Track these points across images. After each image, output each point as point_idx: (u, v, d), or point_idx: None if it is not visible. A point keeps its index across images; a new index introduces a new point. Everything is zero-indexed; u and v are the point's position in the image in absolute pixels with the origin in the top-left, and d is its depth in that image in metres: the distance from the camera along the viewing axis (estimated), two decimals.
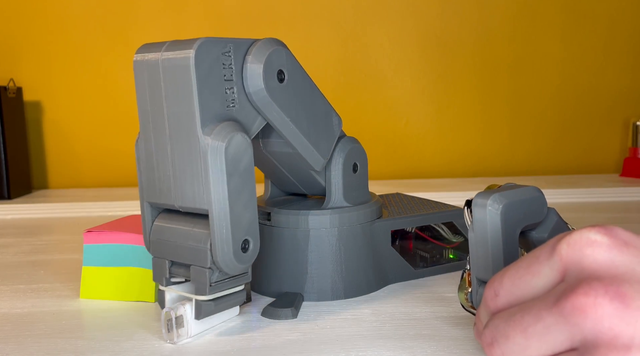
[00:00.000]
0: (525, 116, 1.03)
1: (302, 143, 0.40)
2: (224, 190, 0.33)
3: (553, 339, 0.20)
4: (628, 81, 1.03)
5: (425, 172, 1.03)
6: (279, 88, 0.37)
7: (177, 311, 0.34)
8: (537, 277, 0.22)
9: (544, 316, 0.21)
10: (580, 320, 0.19)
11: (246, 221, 0.35)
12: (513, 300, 0.23)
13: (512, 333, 0.22)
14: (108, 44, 0.97)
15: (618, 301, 0.19)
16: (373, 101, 1.01)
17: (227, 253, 0.34)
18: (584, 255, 0.21)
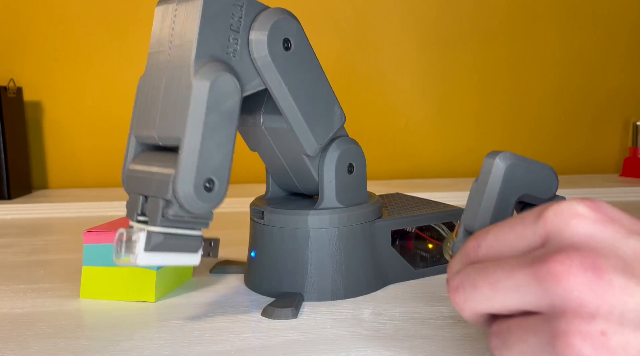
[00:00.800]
0: (525, 116, 1.03)
1: (298, 119, 0.40)
2: (199, 122, 0.33)
3: (519, 297, 0.21)
4: (628, 80, 1.03)
5: (425, 172, 1.03)
6: (283, 54, 0.38)
7: (132, 235, 0.34)
8: (520, 238, 0.23)
9: (517, 275, 0.21)
10: (552, 286, 0.20)
11: (216, 161, 0.35)
12: (492, 254, 0.24)
13: (481, 283, 0.22)
14: (108, 44, 0.97)
15: (591, 272, 0.20)
16: (373, 101, 1.01)
17: (187, 184, 0.33)
18: (567, 225, 0.21)
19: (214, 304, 0.41)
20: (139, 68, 0.97)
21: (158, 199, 0.34)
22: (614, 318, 0.19)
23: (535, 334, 0.21)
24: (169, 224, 0.34)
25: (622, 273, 0.20)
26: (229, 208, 0.79)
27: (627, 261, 0.20)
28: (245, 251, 0.55)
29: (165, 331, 0.36)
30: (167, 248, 0.34)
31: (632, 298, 0.19)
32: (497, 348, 0.23)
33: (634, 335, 0.19)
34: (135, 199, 0.35)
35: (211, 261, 0.52)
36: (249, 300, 0.42)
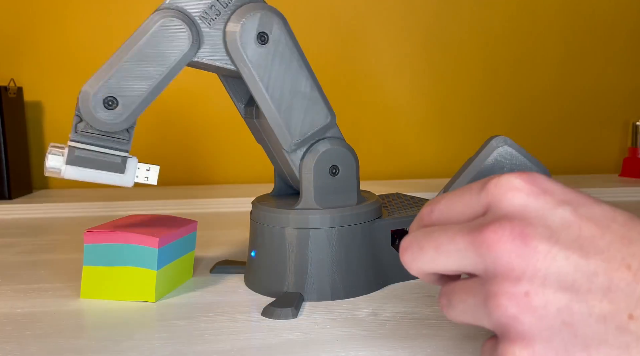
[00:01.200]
0: (525, 116, 1.03)
1: (272, 112, 0.41)
2: (132, 46, 0.37)
3: (459, 261, 0.23)
4: (628, 81, 1.03)
5: (425, 172, 1.03)
6: (256, 46, 0.40)
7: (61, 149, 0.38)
8: (466, 206, 0.25)
9: (457, 240, 0.23)
10: (485, 252, 0.22)
11: (129, 85, 0.38)
12: (442, 220, 0.26)
13: (427, 246, 0.25)
14: (108, 44, 0.97)
15: (519, 240, 0.22)
16: (373, 101, 1.01)
17: (88, 95, 0.37)
18: (504, 197, 0.23)
19: (214, 304, 0.41)
20: None
21: (76, 116, 0.38)
22: (537, 280, 0.21)
23: (473, 295, 0.23)
24: (84, 140, 0.38)
25: (547, 240, 0.22)
26: (229, 207, 0.79)
27: (553, 229, 0.22)
28: (245, 251, 0.55)
29: (165, 331, 0.36)
30: (88, 163, 0.38)
31: (554, 262, 0.21)
32: (445, 307, 0.25)
33: (554, 295, 0.21)
34: None
35: (211, 262, 0.52)
36: (249, 300, 0.42)
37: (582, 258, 0.21)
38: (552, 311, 0.21)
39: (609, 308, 0.21)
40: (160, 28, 0.38)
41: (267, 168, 1.01)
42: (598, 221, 0.22)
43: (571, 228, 0.22)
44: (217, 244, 0.59)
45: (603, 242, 0.21)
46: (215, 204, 0.80)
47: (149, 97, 0.38)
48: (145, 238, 0.41)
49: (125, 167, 0.40)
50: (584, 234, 0.22)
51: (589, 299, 0.21)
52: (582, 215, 0.22)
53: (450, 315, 0.25)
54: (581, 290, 0.21)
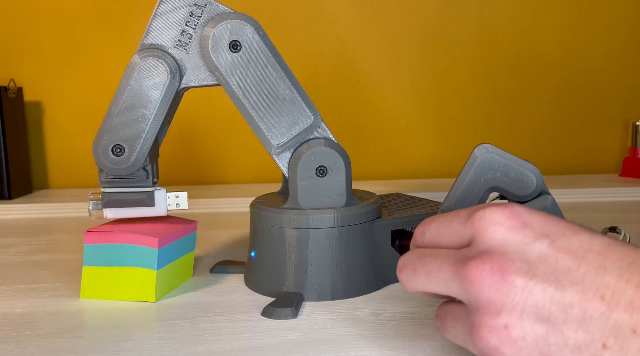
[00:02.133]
0: (525, 116, 1.03)
1: (251, 117, 0.43)
2: (121, 95, 0.41)
3: (447, 289, 0.25)
4: (628, 81, 1.03)
5: (425, 172, 1.03)
6: (229, 55, 0.41)
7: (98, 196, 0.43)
8: (453, 233, 0.26)
9: (445, 270, 0.25)
10: (468, 286, 0.23)
11: (127, 132, 0.41)
12: (433, 243, 0.27)
13: (419, 270, 0.26)
14: (108, 44, 0.97)
15: (498, 275, 0.23)
16: (373, 101, 1.01)
17: (97, 147, 0.41)
18: (486, 231, 0.24)
19: (214, 304, 0.41)
20: None
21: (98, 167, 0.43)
22: (516, 313, 0.22)
23: (461, 323, 0.25)
24: (110, 185, 0.42)
25: (524, 274, 0.23)
26: (229, 208, 0.79)
27: (530, 263, 0.23)
28: (245, 251, 0.55)
29: (165, 331, 0.36)
30: (120, 204, 0.43)
31: (531, 296, 0.22)
32: (440, 328, 0.27)
33: (531, 327, 0.22)
34: None
35: (211, 262, 0.52)
36: (249, 300, 0.42)
37: (557, 290, 0.22)
38: (530, 343, 0.22)
39: (583, 338, 0.21)
40: (138, 71, 0.41)
41: (267, 168, 1.01)
42: (574, 252, 0.23)
43: (548, 260, 0.23)
44: (217, 244, 0.59)
45: (578, 273, 0.22)
46: (215, 204, 0.80)
47: (150, 135, 0.42)
48: (145, 238, 0.41)
49: (155, 199, 0.43)
50: (560, 266, 0.22)
51: (565, 330, 0.22)
52: (559, 247, 0.23)
53: (444, 336, 0.27)
54: (557, 322, 0.22)
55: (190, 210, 0.76)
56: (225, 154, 1.01)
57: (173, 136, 0.99)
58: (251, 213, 0.45)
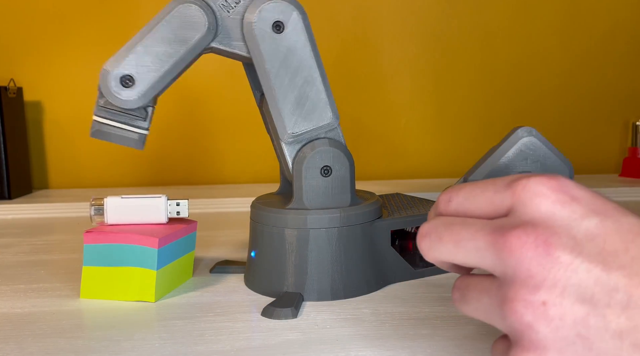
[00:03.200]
0: (525, 116, 1.03)
1: (274, 101, 0.42)
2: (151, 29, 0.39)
3: (478, 259, 0.23)
4: (628, 81, 1.03)
5: (425, 172, 1.03)
6: (270, 34, 0.41)
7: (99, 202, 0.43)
8: (488, 202, 0.24)
9: (478, 239, 0.23)
10: (506, 256, 0.22)
11: (145, 65, 0.40)
12: (461, 211, 0.25)
13: (446, 238, 0.24)
14: (108, 44, 0.97)
15: (542, 248, 0.21)
16: (373, 101, 1.01)
17: (109, 71, 0.39)
18: (531, 202, 0.23)
19: (214, 304, 0.41)
20: None
21: (98, 91, 0.40)
22: (556, 291, 0.21)
23: (489, 296, 0.23)
24: (105, 115, 0.40)
25: (570, 250, 0.21)
26: (229, 208, 0.79)
27: (577, 240, 0.22)
28: (245, 251, 0.55)
29: (165, 331, 0.36)
30: (107, 136, 0.41)
31: (575, 274, 0.21)
32: (458, 301, 0.25)
33: (571, 307, 0.21)
34: None
35: (211, 262, 0.52)
36: (249, 300, 0.42)
37: (603, 271, 0.21)
38: (568, 323, 0.21)
39: (626, 325, 0.20)
40: (178, 13, 0.39)
41: (267, 168, 1.01)
42: (623, 235, 0.22)
43: (595, 240, 0.22)
44: (217, 244, 0.59)
45: (626, 257, 0.21)
46: (215, 204, 0.79)
47: (165, 78, 0.40)
48: (145, 238, 0.41)
49: (156, 206, 0.43)
50: (607, 247, 0.21)
51: (607, 314, 0.21)
52: (608, 228, 0.22)
53: (462, 309, 0.25)
54: (600, 304, 0.21)
55: (191, 210, 0.76)
56: (225, 154, 1.01)
57: (173, 135, 0.99)
58: (251, 213, 0.45)
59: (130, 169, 0.99)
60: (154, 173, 1.00)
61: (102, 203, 0.43)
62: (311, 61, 0.42)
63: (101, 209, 0.43)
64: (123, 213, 0.43)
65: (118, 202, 0.43)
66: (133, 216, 0.43)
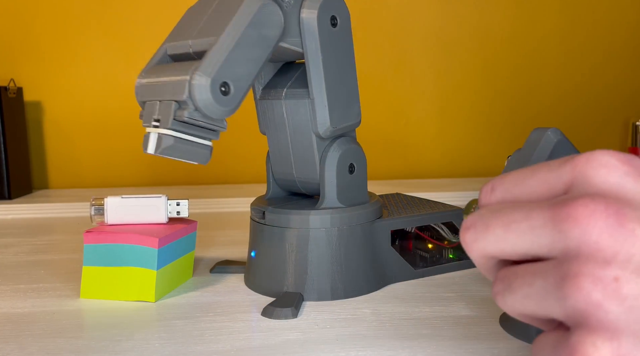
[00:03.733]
0: (525, 116, 1.03)
1: (321, 92, 0.41)
2: (238, 30, 0.35)
3: (533, 240, 0.20)
4: (628, 81, 1.03)
5: (425, 172, 1.03)
6: (328, 27, 0.41)
7: (100, 202, 0.42)
8: (541, 182, 0.22)
9: (534, 217, 0.20)
10: (570, 228, 0.19)
11: (239, 70, 0.36)
12: (508, 197, 0.23)
13: (494, 223, 0.22)
14: (108, 44, 0.97)
15: (614, 218, 0.19)
16: (373, 101, 1.01)
17: (205, 78, 0.34)
18: (597, 173, 0.20)
19: (214, 304, 0.41)
20: (139, 68, 0.97)
21: (171, 103, 0.34)
22: (631, 267, 0.18)
23: (543, 277, 0.20)
24: (181, 128, 0.35)
25: None
26: (229, 208, 0.79)
27: None
28: (245, 251, 0.55)
29: (165, 331, 0.36)
30: (176, 153, 0.35)
31: None
32: (500, 293, 0.22)
33: None
34: (152, 105, 0.36)
35: (211, 262, 0.52)
36: (249, 300, 0.42)
37: None
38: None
39: None
40: (260, 13, 0.37)
41: None
42: None
43: None
44: (217, 244, 0.59)
45: None
46: (215, 204, 0.79)
47: (253, 82, 0.37)
48: (145, 238, 0.41)
49: (156, 206, 0.43)
50: None
51: None
52: None
53: (506, 303, 0.21)
54: None
55: (191, 210, 0.76)
56: (226, 154, 1.01)
57: None
58: (251, 213, 0.45)
59: (130, 169, 0.99)
60: (154, 173, 1.00)
61: (102, 203, 0.43)
62: (351, 57, 0.43)
63: (101, 209, 0.43)
64: (123, 213, 0.43)
65: (118, 202, 0.43)
66: (133, 216, 0.43)
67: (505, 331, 0.35)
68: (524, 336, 0.34)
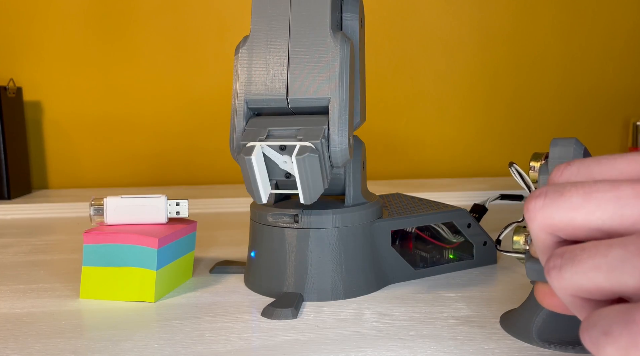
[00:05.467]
0: (525, 116, 1.03)
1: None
2: (345, 83, 0.37)
3: (615, 211, 0.19)
4: (628, 81, 1.03)
5: (425, 172, 1.03)
6: (360, 30, 0.42)
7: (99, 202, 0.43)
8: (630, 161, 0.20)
9: (623, 188, 0.19)
10: None
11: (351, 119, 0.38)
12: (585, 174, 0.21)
13: (571, 192, 0.19)
14: (108, 44, 0.97)
15: None
16: (373, 101, 1.01)
17: (344, 137, 0.36)
18: None
19: (214, 304, 0.41)
20: (139, 68, 0.97)
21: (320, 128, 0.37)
22: None
23: (623, 247, 0.18)
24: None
25: None
26: (229, 208, 0.79)
27: None
28: (245, 251, 0.55)
29: (165, 331, 0.36)
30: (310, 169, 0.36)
31: None
32: (556, 267, 0.19)
33: None
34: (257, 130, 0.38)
35: (211, 262, 0.52)
36: (249, 300, 0.42)
37: None
38: None
39: None
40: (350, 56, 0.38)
41: None
42: None
43: None
44: (217, 244, 0.59)
45: None
46: (215, 204, 0.79)
47: None
48: (145, 238, 0.41)
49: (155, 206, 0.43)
50: None
51: None
52: None
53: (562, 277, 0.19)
54: None
55: (191, 210, 0.76)
56: (226, 154, 1.01)
57: (173, 135, 0.99)
58: (251, 213, 0.45)
59: (130, 169, 0.99)
60: (154, 173, 1.00)
61: (101, 203, 0.43)
62: (363, 56, 0.43)
63: (101, 209, 0.43)
64: (123, 213, 0.43)
65: (118, 202, 0.43)
66: (133, 216, 0.43)
67: (505, 331, 0.35)
68: (524, 336, 0.34)
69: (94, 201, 0.43)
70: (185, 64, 0.98)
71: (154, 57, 0.97)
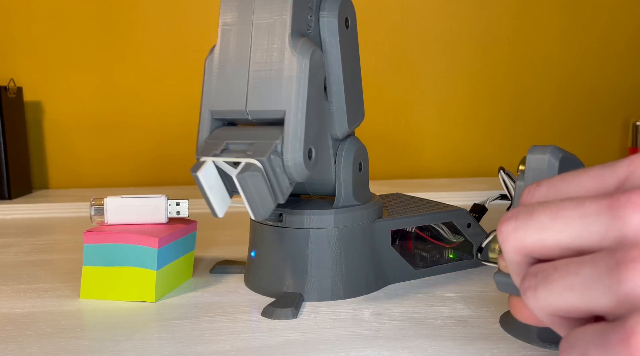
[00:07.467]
0: (525, 116, 1.03)
1: (340, 95, 0.41)
2: (303, 95, 0.35)
3: (582, 229, 0.19)
4: (628, 81, 1.03)
5: (425, 172, 1.03)
6: (344, 30, 0.40)
7: (99, 202, 0.42)
8: (593, 177, 0.21)
9: (587, 205, 0.19)
10: (629, 214, 0.18)
11: (314, 131, 0.36)
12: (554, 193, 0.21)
13: (539, 212, 0.20)
14: (108, 44, 0.97)
15: None
16: (373, 101, 1.01)
17: (297, 153, 0.35)
18: None
19: (214, 304, 0.41)
20: (139, 68, 0.97)
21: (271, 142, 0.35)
22: None
23: (592, 265, 0.18)
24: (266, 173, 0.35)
25: None
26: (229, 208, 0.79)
27: None
28: (245, 251, 0.55)
29: (165, 331, 0.36)
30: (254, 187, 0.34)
31: None
32: (531, 288, 0.20)
33: None
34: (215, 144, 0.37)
35: (211, 262, 0.52)
36: (249, 300, 0.42)
37: None
38: None
39: None
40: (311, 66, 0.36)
41: None
42: None
43: None
44: (217, 244, 0.59)
45: None
46: None
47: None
48: (145, 238, 0.41)
49: (156, 206, 0.43)
50: None
51: None
52: None
53: (538, 298, 0.20)
54: None
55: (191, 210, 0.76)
56: None
57: (173, 135, 0.99)
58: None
59: (130, 169, 0.99)
60: (154, 173, 1.00)
61: (102, 203, 0.43)
62: (358, 55, 0.43)
63: (101, 209, 0.43)
64: (123, 213, 0.43)
65: (118, 202, 0.43)
66: (133, 216, 0.43)
67: (505, 331, 0.35)
68: (524, 336, 0.34)
69: (94, 201, 0.43)
70: (185, 64, 0.98)
71: (154, 58, 0.98)
